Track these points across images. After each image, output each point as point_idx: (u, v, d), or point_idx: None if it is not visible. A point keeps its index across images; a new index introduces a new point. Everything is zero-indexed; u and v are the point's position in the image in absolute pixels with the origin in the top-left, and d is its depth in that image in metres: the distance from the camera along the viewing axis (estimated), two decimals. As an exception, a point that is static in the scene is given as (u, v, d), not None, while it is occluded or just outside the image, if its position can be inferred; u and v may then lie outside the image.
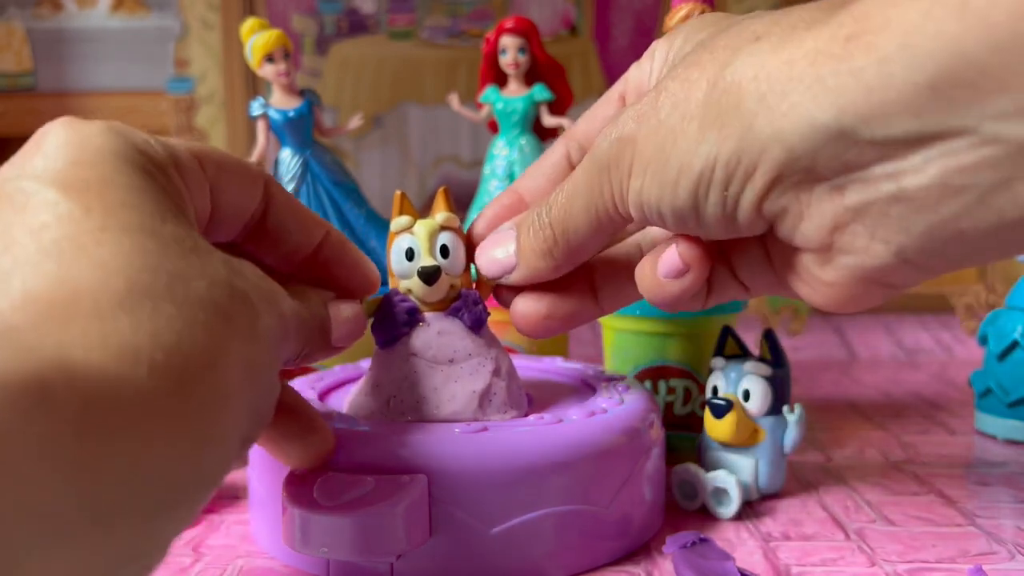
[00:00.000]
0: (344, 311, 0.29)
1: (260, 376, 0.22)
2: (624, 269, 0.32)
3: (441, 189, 0.35)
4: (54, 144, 0.21)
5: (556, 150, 0.34)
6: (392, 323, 0.33)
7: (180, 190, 0.23)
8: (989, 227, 0.21)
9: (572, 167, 0.33)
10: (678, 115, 0.24)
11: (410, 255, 0.33)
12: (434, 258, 0.33)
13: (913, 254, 0.23)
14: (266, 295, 0.23)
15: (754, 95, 0.23)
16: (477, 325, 0.34)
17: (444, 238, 0.33)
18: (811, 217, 0.24)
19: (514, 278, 0.32)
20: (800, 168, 0.23)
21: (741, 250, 0.29)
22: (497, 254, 0.32)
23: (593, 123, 0.33)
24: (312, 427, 0.30)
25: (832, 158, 0.22)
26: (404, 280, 0.34)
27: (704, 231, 0.26)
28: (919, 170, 0.21)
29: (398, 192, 0.34)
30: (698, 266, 0.28)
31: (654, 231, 0.33)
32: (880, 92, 0.20)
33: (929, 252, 0.22)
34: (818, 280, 0.26)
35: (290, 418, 0.30)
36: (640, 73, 0.31)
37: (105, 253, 0.19)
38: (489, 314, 0.35)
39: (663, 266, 0.28)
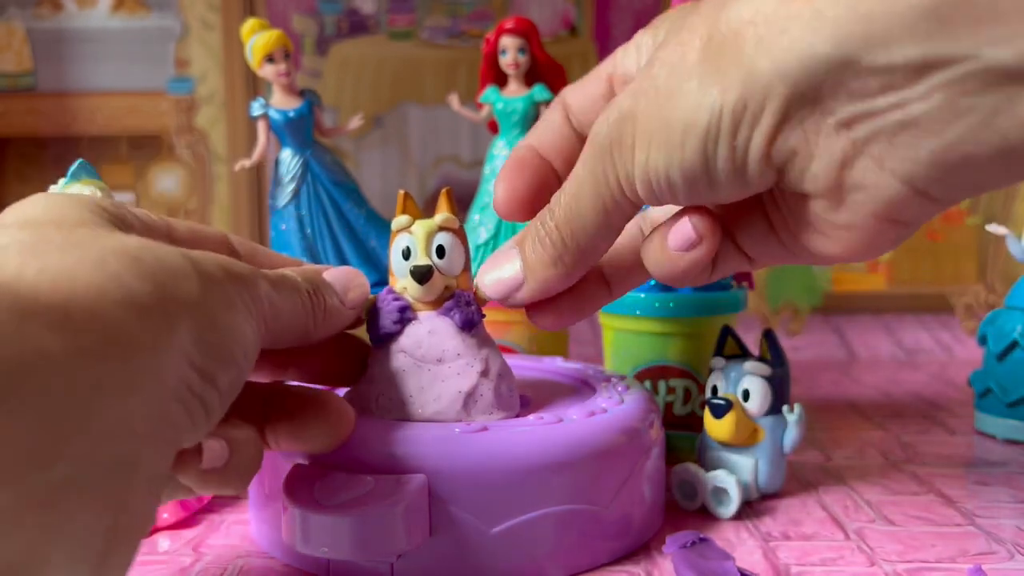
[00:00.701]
0: (342, 272, 0.31)
1: (209, 337, 0.22)
2: (629, 253, 0.32)
3: (444, 190, 0.35)
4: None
5: (553, 111, 0.33)
6: (384, 320, 0.33)
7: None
8: (994, 150, 0.21)
9: (571, 126, 0.32)
10: (676, 78, 0.24)
11: (407, 254, 0.34)
12: (429, 258, 0.33)
13: (922, 182, 0.23)
14: (214, 258, 0.24)
15: (752, 39, 0.23)
16: (468, 325, 0.34)
17: (441, 238, 0.33)
18: (820, 156, 0.24)
19: (523, 295, 0.31)
20: (806, 102, 0.23)
21: (745, 218, 0.29)
22: (502, 274, 0.31)
23: (584, 99, 0.32)
24: (326, 408, 0.30)
25: (836, 87, 0.22)
26: (401, 279, 0.34)
27: (714, 192, 0.26)
28: (924, 97, 0.21)
29: (401, 191, 0.35)
30: (710, 236, 0.27)
31: (654, 213, 0.33)
32: (881, 20, 0.21)
33: (938, 180, 0.23)
34: (832, 225, 0.25)
35: (301, 402, 0.30)
36: (626, 58, 0.31)
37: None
38: (484, 316, 0.35)
39: (674, 239, 0.28)
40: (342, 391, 0.37)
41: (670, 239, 0.28)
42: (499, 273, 0.31)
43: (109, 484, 0.18)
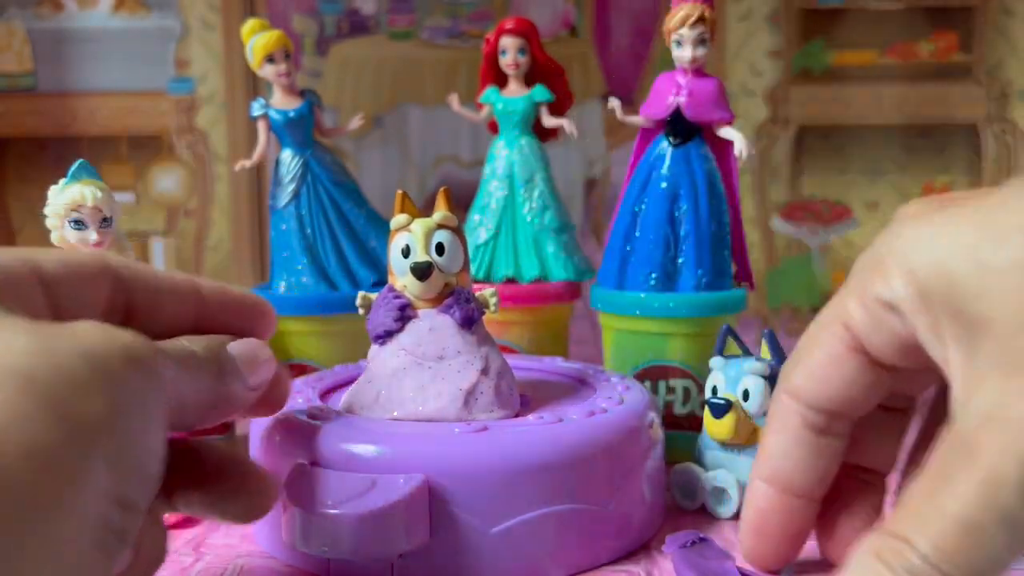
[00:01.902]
0: (248, 346, 0.26)
1: (110, 446, 0.18)
2: None
3: (442, 190, 0.35)
4: None
5: (790, 421, 0.27)
6: (384, 318, 0.33)
7: None
8: None
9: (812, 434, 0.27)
10: None
11: (406, 252, 0.34)
12: (428, 255, 0.33)
13: None
14: (112, 346, 0.19)
15: None
16: (468, 322, 0.34)
17: (440, 236, 0.34)
18: None
19: None
20: None
21: None
22: None
23: (823, 383, 0.26)
24: (248, 483, 0.27)
25: None
26: (401, 277, 0.34)
27: None
28: None
29: (399, 191, 0.35)
30: None
31: None
32: None
33: None
34: None
35: (221, 477, 0.26)
36: (874, 312, 0.24)
37: None
38: (483, 313, 0.35)
39: None
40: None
41: None
42: None
43: None
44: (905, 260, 0.22)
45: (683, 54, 0.48)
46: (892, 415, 0.30)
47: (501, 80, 0.57)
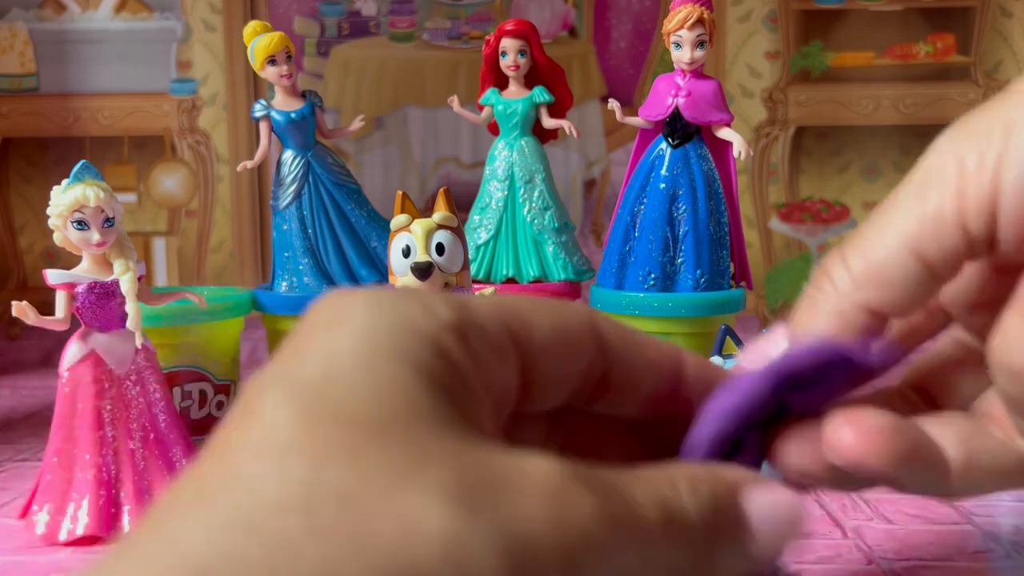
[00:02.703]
0: (778, 501, 0.17)
1: None
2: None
3: (442, 190, 0.35)
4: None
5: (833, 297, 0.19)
6: None
7: (470, 390, 0.16)
8: None
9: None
10: None
11: (406, 252, 0.34)
12: (429, 255, 0.33)
13: None
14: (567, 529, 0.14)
15: None
16: None
17: (440, 236, 0.34)
18: None
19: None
20: None
21: None
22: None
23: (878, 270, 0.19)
24: None
25: None
26: (401, 277, 0.34)
27: None
28: None
29: (399, 192, 0.35)
30: None
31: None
32: None
33: None
34: None
35: None
36: (971, 168, 0.18)
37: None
38: None
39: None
40: None
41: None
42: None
43: None
44: None
45: (682, 56, 0.48)
46: None
47: (501, 81, 0.57)
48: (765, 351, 0.19)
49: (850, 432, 0.17)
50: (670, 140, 0.49)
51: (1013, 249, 0.18)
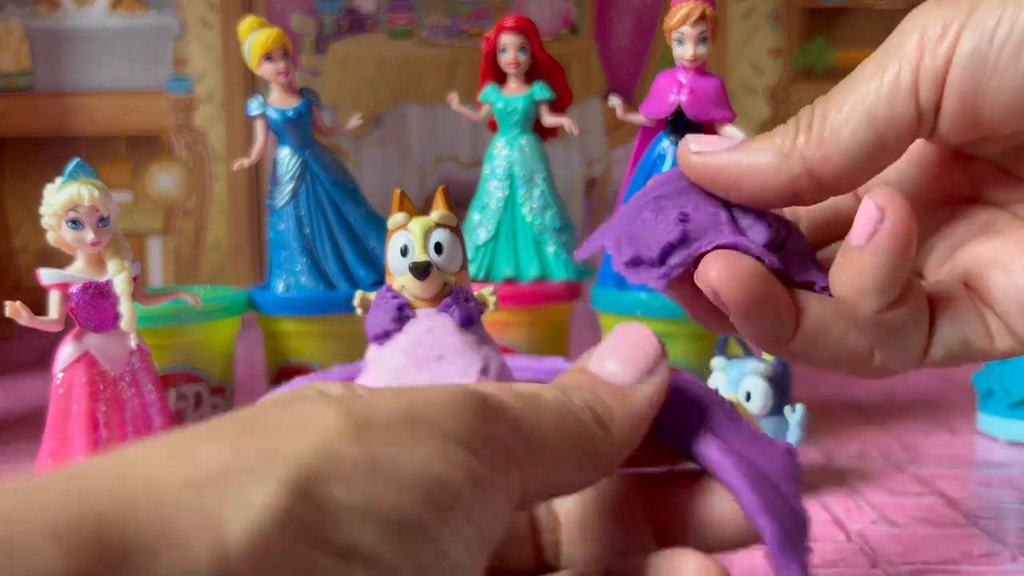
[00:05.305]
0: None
1: None
2: None
3: (440, 189, 0.35)
4: None
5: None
6: (382, 318, 0.33)
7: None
8: None
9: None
10: None
11: (404, 251, 0.33)
12: (427, 254, 0.33)
13: None
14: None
15: None
16: (467, 322, 0.33)
17: (438, 235, 0.33)
18: None
19: (726, 155, 0.19)
20: None
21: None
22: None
23: None
24: None
25: None
26: (399, 276, 0.34)
27: None
28: None
29: (397, 190, 0.34)
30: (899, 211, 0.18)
31: None
32: None
33: None
34: None
35: None
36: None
37: None
38: (482, 312, 0.34)
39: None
40: None
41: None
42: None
43: None
44: None
45: (684, 52, 0.48)
46: None
47: (501, 79, 0.57)
48: (717, 142, 0.20)
49: (718, 266, 0.18)
50: (672, 138, 0.49)
51: (949, 125, 0.18)
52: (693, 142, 0.20)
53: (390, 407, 0.14)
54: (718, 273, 0.18)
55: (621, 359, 0.18)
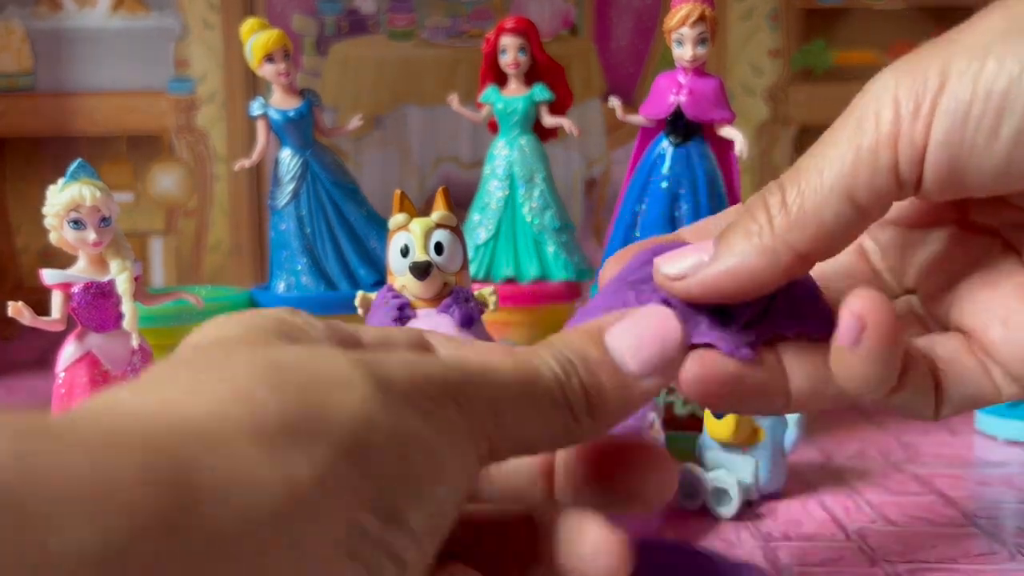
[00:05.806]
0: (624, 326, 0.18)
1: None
2: None
3: (440, 189, 0.35)
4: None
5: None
6: (382, 319, 0.33)
7: None
8: None
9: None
10: None
11: (405, 251, 0.33)
12: (427, 254, 0.33)
13: None
14: (422, 372, 0.16)
15: None
16: (467, 322, 0.33)
17: (439, 235, 0.33)
18: None
19: (712, 271, 0.19)
20: None
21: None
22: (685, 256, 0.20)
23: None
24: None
25: None
26: (400, 276, 0.34)
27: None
28: None
29: (397, 191, 0.35)
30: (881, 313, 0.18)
31: None
32: None
33: None
34: None
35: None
36: None
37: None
38: (482, 311, 0.35)
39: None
40: None
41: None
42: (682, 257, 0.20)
43: None
44: None
45: (683, 53, 0.48)
46: None
47: (501, 79, 0.57)
48: (691, 256, 0.20)
49: (693, 373, 0.19)
50: (671, 138, 0.49)
51: (932, 191, 0.19)
52: (664, 265, 0.20)
53: (402, 374, 0.16)
54: (691, 383, 0.19)
55: (638, 346, 0.18)
